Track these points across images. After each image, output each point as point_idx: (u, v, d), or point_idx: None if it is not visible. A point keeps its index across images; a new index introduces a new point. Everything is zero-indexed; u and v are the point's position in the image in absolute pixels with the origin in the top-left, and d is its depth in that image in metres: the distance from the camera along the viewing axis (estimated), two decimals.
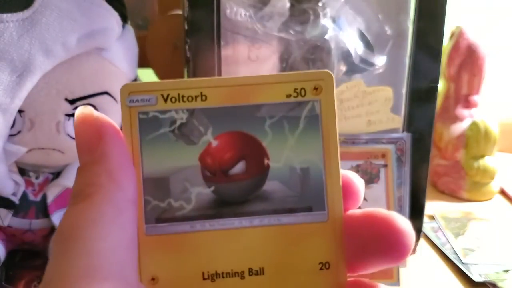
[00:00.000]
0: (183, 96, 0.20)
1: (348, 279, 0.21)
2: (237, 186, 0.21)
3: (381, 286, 0.20)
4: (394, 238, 0.19)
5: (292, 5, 0.46)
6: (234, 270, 0.20)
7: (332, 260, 0.20)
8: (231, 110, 0.20)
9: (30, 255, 0.50)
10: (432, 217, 0.62)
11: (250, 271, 0.20)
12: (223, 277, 0.20)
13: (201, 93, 0.20)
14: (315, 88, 0.21)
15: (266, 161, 0.21)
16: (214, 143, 0.21)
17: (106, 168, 0.19)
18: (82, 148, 0.19)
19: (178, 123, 0.20)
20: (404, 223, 0.19)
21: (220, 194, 0.21)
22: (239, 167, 0.21)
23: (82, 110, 0.19)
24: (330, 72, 0.21)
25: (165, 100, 0.20)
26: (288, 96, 0.21)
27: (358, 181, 0.21)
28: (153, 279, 0.20)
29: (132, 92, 0.20)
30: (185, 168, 0.20)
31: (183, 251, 0.20)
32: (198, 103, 0.20)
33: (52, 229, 0.49)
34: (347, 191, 0.21)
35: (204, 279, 0.20)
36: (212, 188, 0.20)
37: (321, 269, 0.20)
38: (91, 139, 0.19)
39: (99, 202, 0.18)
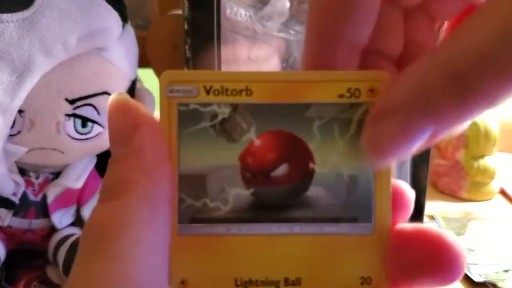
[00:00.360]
0: (227, 89, 0.19)
1: None
2: (278, 189, 0.19)
3: None
4: (448, 259, 0.18)
5: (292, 5, 0.46)
6: (269, 279, 0.19)
7: (374, 276, 0.19)
8: (277, 108, 0.19)
9: (30, 255, 0.50)
10: (432, 217, 0.62)
11: (286, 281, 0.19)
12: (257, 285, 0.19)
13: (247, 87, 0.19)
14: (371, 90, 0.19)
15: (311, 165, 0.19)
16: (257, 142, 0.19)
17: (142, 163, 0.17)
18: (116, 139, 0.18)
19: (219, 118, 0.19)
20: (458, 244, 0.18)
21: (260, 197, 0.19)
22: (282, 170, 0.19)
23: (117, 97, 0.18)
24: (387, 73, 0.19)
25: (207, 92, 0.19)
26: (341, 96, 0.19)
27: (409, 192, 0.20)
28: (183, 282, 0.19)
29: (172, 81, 0.19)
30: (224, 166, 0.19)
31: (217, 254, 0.19)
32: (243, 97, 0.19)
33: (52, 229, 0.49)
34: (397, 202, 0.20)
35: (237, 285, 0.19)
36: (252, 190, 0.19)
37: (362, 283, 0.19)
38: (126, 130, 0.17)
39: (134, 202, 0.16)
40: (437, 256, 0.18)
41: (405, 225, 0.19)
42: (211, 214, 0.19)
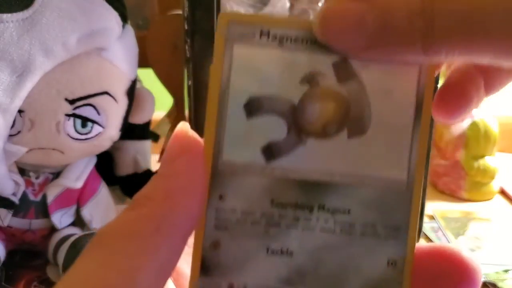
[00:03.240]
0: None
1: None
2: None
3: None
4: (466, 275, 0.19)
5: (292, 5, 0.46)
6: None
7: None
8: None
9: (30, 255, 0.50)
10: (432, 217, 0.62)
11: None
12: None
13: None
14: None
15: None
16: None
17: (169, 186, 0.18)
18: (164, 159, 0.19)
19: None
20: (474, 260, 0.19)
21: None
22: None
23: (180, 126, 0.19)
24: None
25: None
26: None
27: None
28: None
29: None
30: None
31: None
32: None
33: (52, 229, 0.49)
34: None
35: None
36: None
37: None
38: (174, 153, 0.19)
39: (138, 216, 0.17)
40: (455, 273, 0.19)
41: (423, 245, 0.20)
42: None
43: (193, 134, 0.19)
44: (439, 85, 0.25)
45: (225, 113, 0.19)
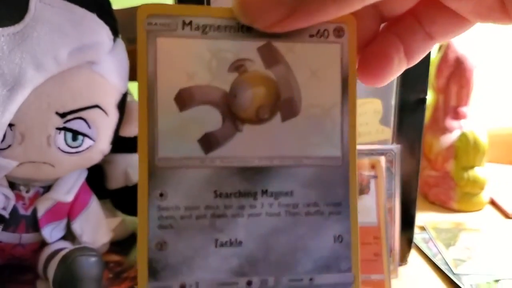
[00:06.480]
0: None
1: None
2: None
3: None
4: None
5: None
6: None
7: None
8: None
9: (20, 269, 0.50)
10: (423, 228, 0.62)
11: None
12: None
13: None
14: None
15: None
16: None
17: None
18: None
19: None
20: None
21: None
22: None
23: None
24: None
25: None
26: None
27: None
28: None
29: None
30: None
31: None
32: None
33: (42, 243, 0.49)
34: None
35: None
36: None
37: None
38: None
39: None
40: None
41: None
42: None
43: None
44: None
45: (156, 109, 0.19)
